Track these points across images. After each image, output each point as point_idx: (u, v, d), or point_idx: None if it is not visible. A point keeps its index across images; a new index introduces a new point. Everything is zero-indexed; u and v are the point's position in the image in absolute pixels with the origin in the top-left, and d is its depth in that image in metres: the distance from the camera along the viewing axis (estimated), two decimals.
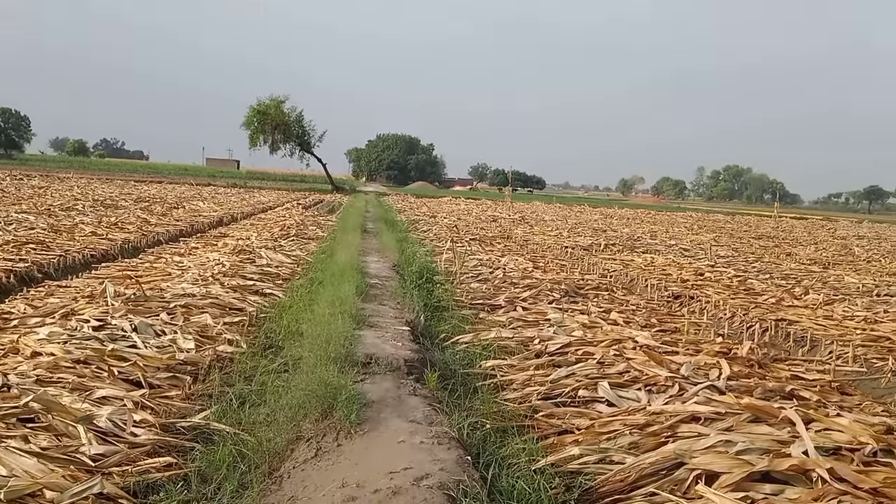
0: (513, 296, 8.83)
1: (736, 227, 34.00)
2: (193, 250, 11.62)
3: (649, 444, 3.90)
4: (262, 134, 55.01)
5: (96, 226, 14.13)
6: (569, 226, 25.30)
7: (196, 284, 7.97)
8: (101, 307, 6.50)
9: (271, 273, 9.75)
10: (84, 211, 17.96)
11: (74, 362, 4.90)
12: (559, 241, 18.09)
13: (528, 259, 12.92)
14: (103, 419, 3.91)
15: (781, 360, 6.56)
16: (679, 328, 7.63)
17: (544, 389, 5.02)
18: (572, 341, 6.35)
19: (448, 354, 6.08)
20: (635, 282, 11.60)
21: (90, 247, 11.18)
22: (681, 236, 23.28)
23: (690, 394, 4.65)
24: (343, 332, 5.42)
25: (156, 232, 14.35)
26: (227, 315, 6.93)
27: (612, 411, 4.55)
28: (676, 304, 9.94)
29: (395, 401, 4.39)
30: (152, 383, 4.83)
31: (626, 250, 16.81)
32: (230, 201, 28.29)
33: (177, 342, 5.70)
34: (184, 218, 18.23)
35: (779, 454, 3.59)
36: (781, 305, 9.50)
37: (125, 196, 26.15)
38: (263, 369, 5.31)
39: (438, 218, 25.12)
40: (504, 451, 3.96)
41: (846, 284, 12.20)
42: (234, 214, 21.18)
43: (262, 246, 12.06)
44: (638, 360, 5.61)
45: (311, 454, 3.70)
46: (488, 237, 17.86)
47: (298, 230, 16.50)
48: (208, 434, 4.16)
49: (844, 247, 23.22)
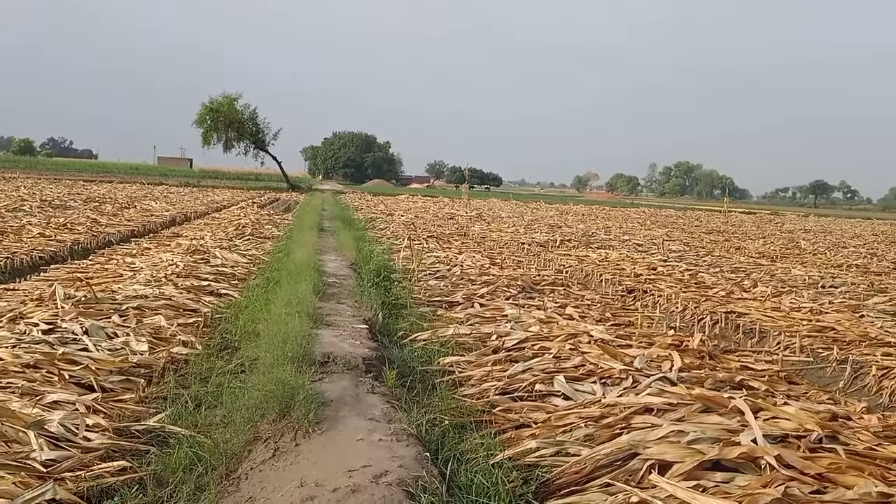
0: (470, 292, 8.88)
1: (687, 222, 34.71)
2: (146, 251, 11.40)
3: (604, 436, 3.97)
4: (216, 132, 54.08)
5: (44, 227, 13.74)
6: (525, 222, 25.50)
7: (149, 285, 7.84)
8: (51, 310, 6.34)
9: (226, 273, 9.63)
10: (31, 212, 17.45)
11: (24, 367, 4.77)
12: (516, 238, 18.22)
13: (486, 256, 12.99)
14: (55, 424, 3.83)
15: (731, 352, 6.75)
16: (633, 322, 7.78)
17: (502, 384, 5.07)
18: (529, 336, 6.41)
19: (406, 352, 6.10)
20: (590, 277, 11.77)
21: (38, 248, 10.88)
22: (634, 232, 23.67)
23: (643, 386, 4.75)
24: (300, 332, 5.39)
25: (106, 233, 14.02)
26: (182, 316, 6.83)
27: (568, 405, 4.62)
28: (630, 298, 10.12)
29: (354, 399, 4.39)
30: (105, 387, 4.74)
31: (582, 246, 17.03)
32: (183, 200, 27.79)
33: (129, 344, 5.60)
34: (135, 218, 17.85)
35: (729, 443, 3.70)
36: (731, 298, 9.75)
37: (74, 196, 25.48)
38: (220, 370, 5.26)
39: (396, 216, 25.08)
40: (463, 447, 4.00)
41: (793, 277, 12.57)
42: (187, 214, 20.81)
43: (217, 246, 11.90)
44: (593, 353, 5.70)
45: (268, 454, 3.68)
46: (446, 235, 17.90)
47: (254, 229, 16.31)
48: (164, 437, 4.10)
49: (791, 240, 23.89)
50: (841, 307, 9.17)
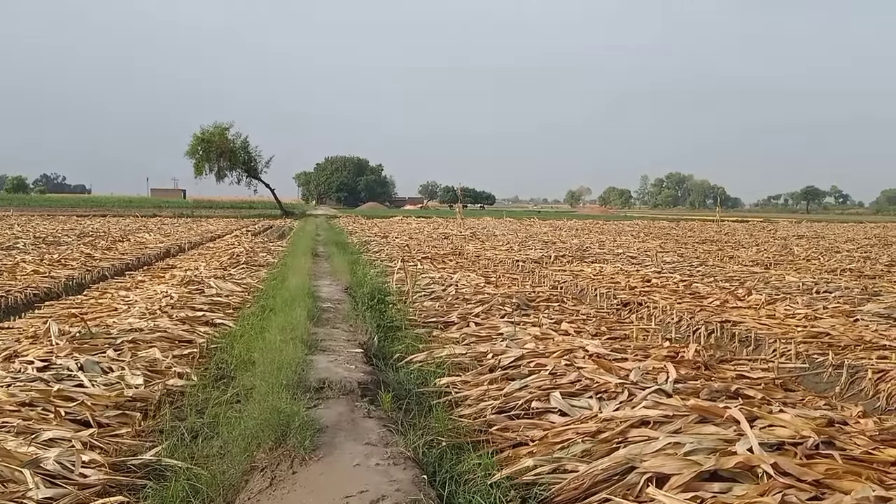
0: (465, 312, 8.89)
1: (681, 232, 34.83)
2: (140, 284, 11.40)
3: (601, 451, 3.98)
4: (208, 162, 54.31)
5: (38, 263, 13.73)
6: (519, 239, 25.56)
7: (143, 318, 7.83)
8: (46, 347, 6.34)
9: (221, 303, 9.63)
10: (25, 249, 17.44)
11: (19, 405, 4.76)
12: (510, 255, 18.26)
13: (481, 274, 13.02)
14: (51, 462, 3.82)
15: (727, 361, 6.77)
16: (628, 335, 7.81)
17: (498, 403, 5.08)
18: (525, 354, 6.42)
19: (402, 374, 6.09)
20: (585, 291, 11.79)
21: (32, 286, 10.87)
22: (628, 244, 23.75)
23: (639, 399, 4.76)
24: (295, 359, 5.39)
25: (101, 267, 14.02)
26: (177, 348, 6.82)
27: (565, 421, 4.62)
28: (625, 311, 10.14)
29: (350, 424, 4.38)
30: (101, 422, 4.73)
31: (576, 261, 17.07)
32: (177, 231, 27.81)
33: (125, 378, 5.59)
34: (129, 251, 17.85)
35: (725, 452, 3.71)
36: (726, 307, 9.78)
37: (68, 231, 25.49)
38: (216, 401, 5.24)
39: (390, 238, 25.11)
40: (460, 468, 3.99)
41: (787, 283, 12.61)
42: (181, 245, 20.81)
43: (212, 276, 11.89)
44: (589, 368, 5.71)
45: (265, 484, 3.67)
46: (440, 255, 17.93)
47: (248, 257, 16.31)
48: (160, 470, 4.09)
49: (785, 247, 23.98)
50: (835, 312, 9.20)
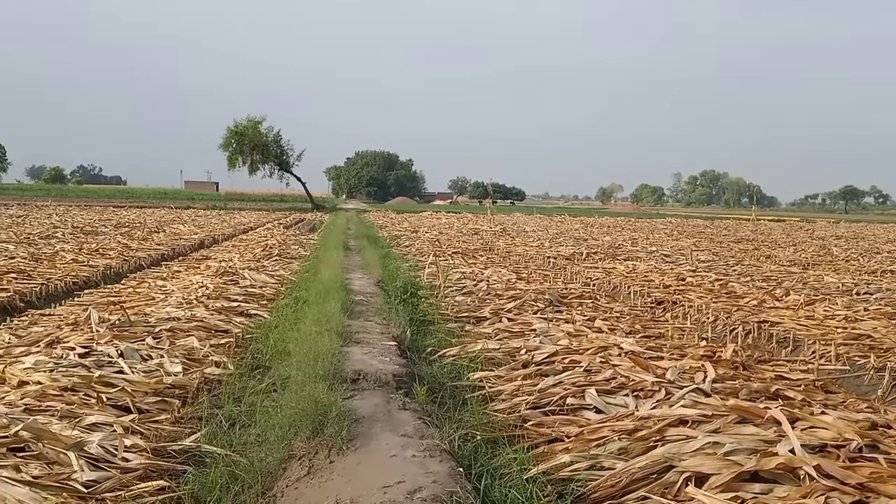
0: (497, 307, 8.88)
1: (715, 231, 34.37)
2: (176, 274, 11.57)
3: (638, 449, 3.94)
4: (241, 155, 54.90)
5: (77, 253, 14.01)
6: (550, 236, 25.45)
7: (180, 308, 7.95)
8: (86, 334, 6.46)
9: (255, 294, 9.73)
10: (64, 238, 17.81)
11: (62, 390, 4.86)
12: (541, 252, 18.19)
13: (512, 270, 12.98)
14: (94, 445, 3.89)
15: (765, 362, 6.66)
16: (663, 333, 7.72)
17: (533, 399, 5.06)
18: (558, 350, 6.40)
19: (436, 368, 6.11)
20: (618, 289, 11.70)
21: (72, 274, 11.09)
22: (661, 242, 23.51)
23: (677, 397, 4.71)
24: (330, 350, 5.43)
25: (137, 257, 14.26)
26: (213, 337, 6.92)
27: (601, 418, 4.59)
28: (660, 309, 10.04)
29: (386, 415, 4.41)
30: (141, 408, 4.81)
31: (608, 258, 16.94)
32: (211, 223, 28.18)
33: (164, 366, 5.68)
34: (165, 242, 18.13)
35: (766, 454, 3.65)
36: (763, 307, 9.63)
37: (105, 222, 25.97)
38: (252, 390, 5.31)
39: (420, 232, 25.17)
40: (495, 462, 3.99)
41: (826, 284, 12.38)
42: (215, 236, 21.09)
43: (245, 267, 12.03)
44: (624, 366, 5.66)
45: (303, 472, 3.71)
46: (470, 250, 17.93)
47: (281, 250, 16.47)
48: (199, 456, 4.15)
49: (823, 247, 23.54)
50: (877, 314, 9.00)
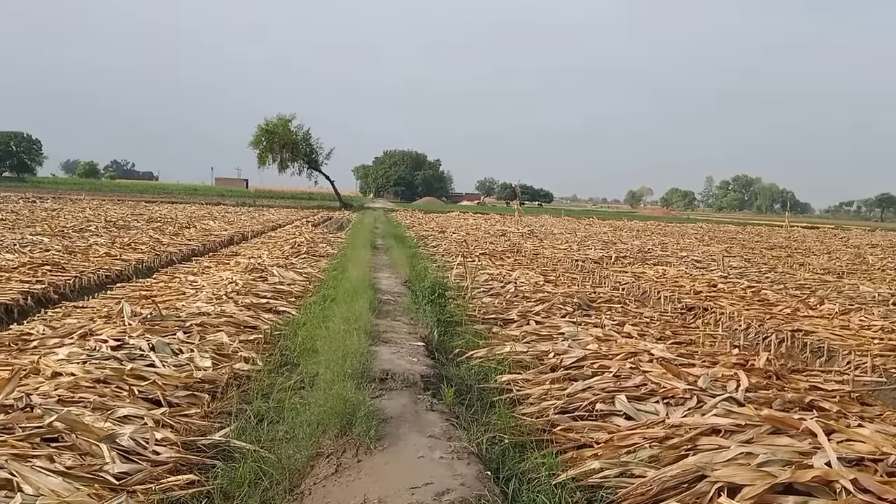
0: (525, 310, 8.83)
1: (747, 237, 33.89)
2: (206, 269, 11.69)
3: (669, 458, 3.89)
4: (271, 153, 55.40)
5: (110, 246, 14.24)
6: (578, 239, 25.29)
7: (210, 303, 8.02)
8: (119, 327, 6.55)
9: (284, 291, 9.80)
10: (97, 232, 18.12)
11: (95, 382, 4.93)
12: (569, 255, 18.08)
13: (539, 273, 12.92)
14: (126, 438, 3.94)
15: (799, 371, 6.54)
16: (694, 340, 7.62)
17: (561, 403, 5.01)
18: (587, 355, 6.34)
19: (463, 369, 6.09)
20: (648, 294, 11.58)
21: (105, 267, 11.27)
22: (692, 248, 23.22)
23: (709, 406, 4.63)
24: (358, 349, 5.44)
25: (169, 252, 14.44)
26: (243, 333, 6.98)
27: (631, 424, 4.53)
28: (690, 315, 9.91)
29: (413, 416, 4.40)
30: (171, 402, 4.86)
31: (638, 262, 16.78)
32: (240, 220, 28.47)
33: (194, 360, 5.73)
34: (196, 237, 18.34)
35: (801, 466, 3.57)
36: (797, 316, 9.46)
37: (137, 217, 26.37)
38: (280, 386, 5.33)
39: (447, 233, 25.17)
40: (524, 466, 3.96)
41: (861, 293, 12.13)
42: (244, 233, 21.30)
43: (274, 264, 12.12)
44: (654, 372, 5.59)
45: (331, 470, 3.71)
46: (498, 251, 17.88)
47: (309, 247, 16.57)
48: (228, 451, 4.18)
49: (858, 255, 23.09)
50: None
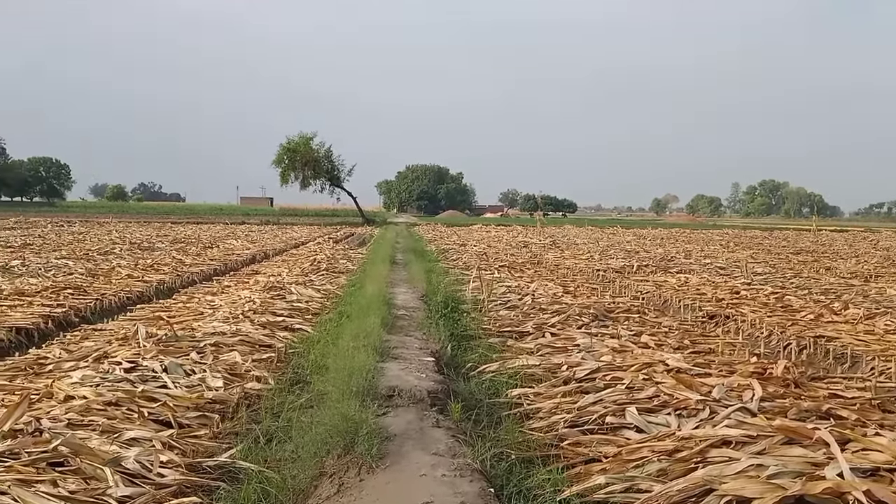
0: (541, 322, 8.75)
1: (774, 242, 33.38)
2: (226, 289, 11.78)
3: (678, 471, 3.80)
4: (293, 171, 55.96)
5: (132, 268, 14.42)
6: (600, 248, 25.09)
7: (227, 322, 8.07)
8: (134, 349, 6.60)
9: (301, 308, 9.83)
10: (121, 254, 18.37)
11: (106, 404, 4.96)
12: (590, 265, 17.93)
13: (559, 284, 12.82)
14: (131, 461, 3.95)
15: (820, 379, 6.38)
16: (713, 349, 7.49)
17: (571, 417, 4.94)
18: (601, 366, 6.26)
19: (473, 384, 6.04)
20: (669, 303, 11.43)
21: (126, 289, 11.40)
22: (716, 254, 22.92)
23: (721, 417, 4.54)
24: (365, 366, 5.42)
25: (190, 272, 14.58)
26: (256, 352, 6.99)
27: (641, 437, 4.45)
28: (711, 324, 9.76)
29: (418, 433, 4.36)
30: (181, 423, 4.87)
31: (660, 271, 16.59)
32: (263, 238, 28.70)
33: (206, 381, 5.75)
34: (218, 257, 18.51)
35: (813, 477, 3.48)
36: (820, 322, 9.26)
37: (161, 238, 26.71)
38: (290, 405, 5.32)
39: (468, 246, 25.13)
40: (529, 482, 3.90)
41: (889, 297, 11.85)
42: (266, 251, 21.46)
43: (293, 282, 12.18)
44: (668, 383, 5.50)
45: (333, 490, 3.68)
46: (518, 263, 17.79)
47: (329, 264, 16.64)
48: (234, 472, 4.17)
49: (887, 258, 22.61)
50: None
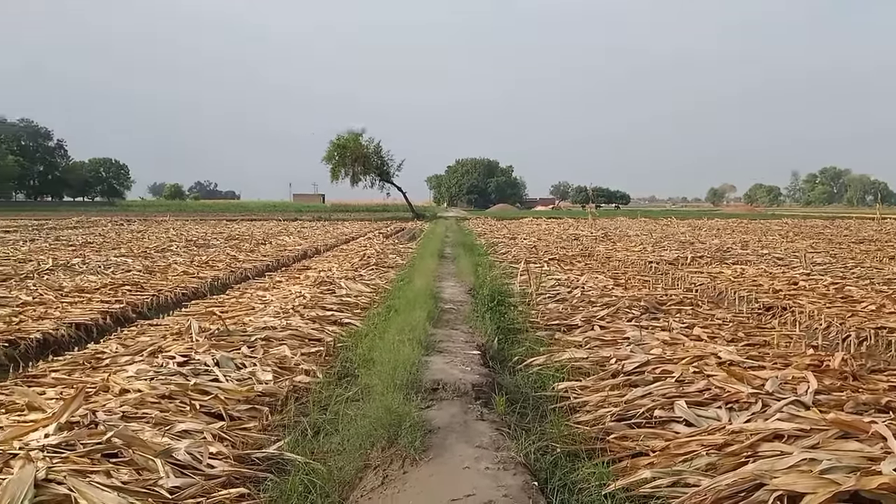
0: (590, 315, 8.65)
1: (835, 231, 32.25)
2: (277, 284, 11.98)
3: (727, 465, 3.71)
4: (343, 167, 56.50)
5: (188, 265, 14.80)
6: (654, 240, 24.65)
7: (277, 317, 8.20)
8: (187, 343, 6.77)
9: (350, 303, 9.93)
10: (177, 251, 18.87)
11: (159, 397, 5.10)
12: (643, 257, 17.64)
13: (609, 276, 12.66)
14: (181, 452, 4.04)
15: (880, 371, 6.15)
16: (768, 341, 7.29)
17: (618, 410, 4.87)
18: (650, 360, 6.15)
19: (519, 377, 6.00)
20: (723, 295, 11.17)
21: (181, 286, 11.71)
22: (774, 245, 22.28)
23: (773, 410, 4.41)
24: (410, 359, 5.44)
25: (243, 268, 14.89)
26: (306, 346, 7.10)
27: (690, 431, 4.36)
28: (767, 316, 9.49)
29: (462, 426, 4.35)
30: (232, 415, 4.98)
31: (715, 262, 16.22)
32: (315, 234, 29.09)
33: (256, 374, 5.87)
34: (270, 253, 18.84)
35: (868, 472, 3.35)
36: (882, 312, 8.91)
37: (216, 235, 27.32)
38: (338, 398, 5.38)
39: (518, 239, 25.01)
40: (574, 476, 3.86)
41: None
42: (317, 247, 21.75)
43: (343, 277, 12.31)
44: (719, 376, 5.37)
45: (377, 482, 3.71)
46: (568, 256, 17.63)
47: (378, 259, 16.77)
48: (282, 464, 4.24)
49: None
50: None
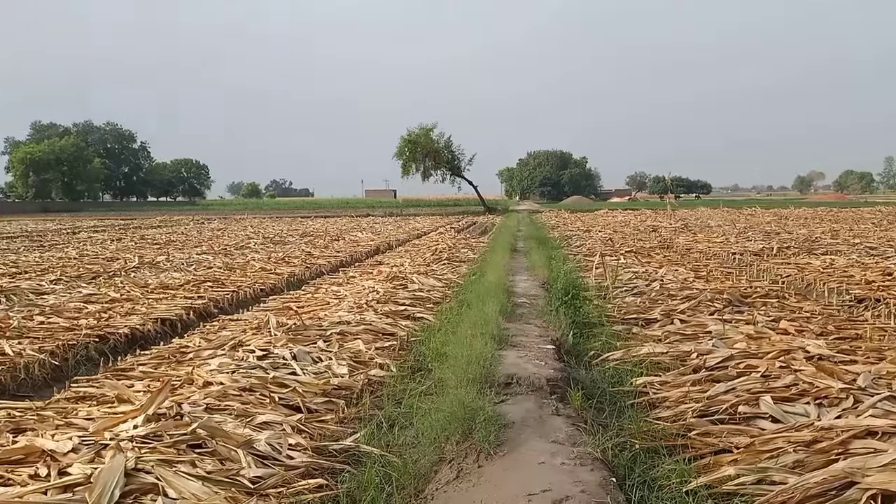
0: (669, 308, 8.43)
1: None
2: (351, 279, 12.16)
3: (816, 463, 3.54)
4: (414, 162, 56.94)
5: (265, 262, 15.20)
6: (737, 230, 23.82)
7: (351, 312, 8.32)
8: (265, 337, 6.95)
9: (423, 297, 9.97)
10: (255, 248, 19.42)
11: (240, 390, 5.24)
12: (725, 248, 17.07)
13: (690, 269, 12.33)
14: (262, 443, 4.15)
15: None
16: (860, 335, 6.94)
17: (700, 406, 4.72)
18: (734, 354, 5.94)
19: (595, 372, 5.90)
20: (812, 287, 10.69)
21: (259, 282, 12.03)
22: (867, 234, 21.19)
23: (866, 406, 4.19)
24: (483, 353, 5.41)
25: (318, 264, 15.17)
26: (379, 340, 7.17)
27: (776, 428, 4.18)
28: (859, 308, 9.04)
29: (537, 421, 4.30)
30: (309, 408, 5.08)
31: (803, 253, 15.56)
32: (387, 230, 29.41)
33: (332, 368, 5.97)
34: (344, 249, 19.16)
35: None
36: None
37: (292, 232, 27.99)
38: (411, 392, 5.41)
39: (593, 232, 24.64)
40: (653, 473, 3.76)
41: None
42: (389, 242, 21.98)
43: (415, 272, 12.39)
44: (807, 371, 5.15)
45: (452, 476, 3.71)
46: (646, 248, 17.25)
47: (450, 254, 16.80)
48: (358, 456, 4.29)
49: None
50: None
